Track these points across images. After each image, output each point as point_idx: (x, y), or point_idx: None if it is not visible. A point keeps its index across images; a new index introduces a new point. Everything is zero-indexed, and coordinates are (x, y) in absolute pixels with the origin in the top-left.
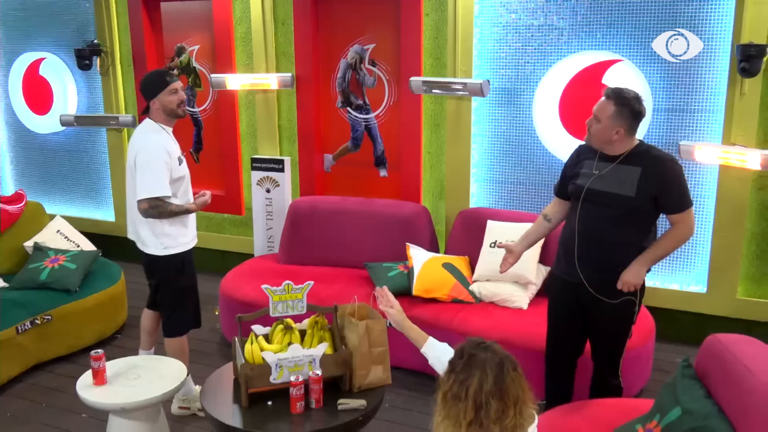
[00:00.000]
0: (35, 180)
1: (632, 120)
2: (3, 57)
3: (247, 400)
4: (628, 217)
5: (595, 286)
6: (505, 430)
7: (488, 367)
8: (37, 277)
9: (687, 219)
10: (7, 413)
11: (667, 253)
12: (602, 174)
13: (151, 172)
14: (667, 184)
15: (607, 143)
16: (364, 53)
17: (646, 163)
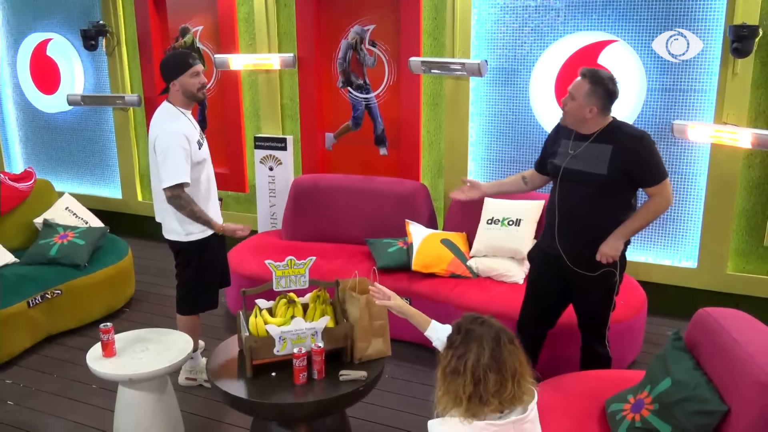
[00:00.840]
0: (44, 158)
1: (605, 99)
2: (11, 37)
3: (251, 371)
4: (603, 193)
5: (573, 259)
6: (504, 403)
7: (485, 341)
8: (47, 252)
9: (663, 191)
10: (20, 384)
11: (643, 225)
12: (576, 153)
13: (170, 160)
14: (639, 160)
15: (581, 121)
16: (364, 34)
17: (617, 141)
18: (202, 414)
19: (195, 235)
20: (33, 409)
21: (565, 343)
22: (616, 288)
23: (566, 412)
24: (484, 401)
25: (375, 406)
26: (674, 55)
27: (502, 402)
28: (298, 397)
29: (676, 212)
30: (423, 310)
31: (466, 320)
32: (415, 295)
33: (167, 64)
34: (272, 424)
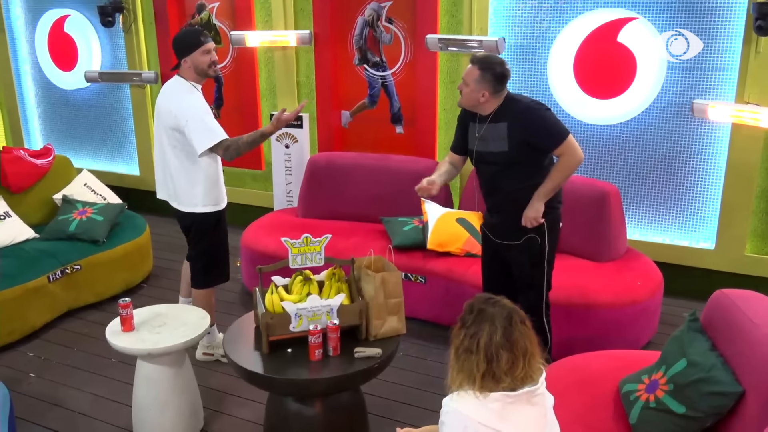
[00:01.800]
0: (62, 135)
1: (496, 82)
2: (29, 14)
3: (267, 347)
4: (511, 168)
5: (499, 233)
6: (516, 381)
7: (497, 321)
8: (66, 228)
9: (567, 149)
10: (41, 357)
11: (558, 183)
12: (481, 135)
13: (203, 124)
14: (532, 129)
15: (476, 105)
16: (381, 10)
17: (508, 116)
18: (219, 388)
19: (209, 208)
20: (54, 382)
21: (579, 324)
22: (546, 256)
23: (580, 392)
24: (497, 378)
25: (389, 383)
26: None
27: (514, 380)
28: (313, 373)
29: (694, 193)
30: (438, 289)
31: (478, 300)
32: (430, 273)
33: (179, 40)
34: (288, 399)
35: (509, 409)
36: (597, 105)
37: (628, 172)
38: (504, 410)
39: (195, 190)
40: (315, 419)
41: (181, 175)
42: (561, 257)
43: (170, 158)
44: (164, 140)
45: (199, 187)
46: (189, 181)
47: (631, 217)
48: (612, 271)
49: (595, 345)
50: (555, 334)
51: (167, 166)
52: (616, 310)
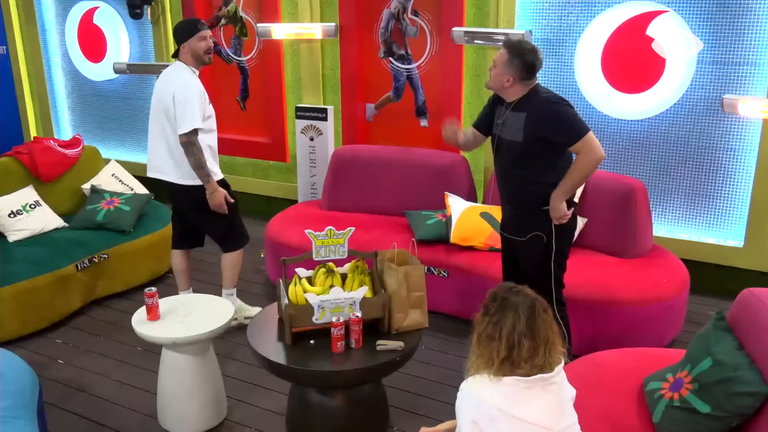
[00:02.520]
0: (91, 125)
1: (523, 70)
2: (60, 5)
3: (290, 339)
4: (523, 159)
5: (508, 227)
6: (534, 368)
7: (521, 309)
8: (94, 218)
9: (585, 147)
10: (69, 343)
11: (575, 182)
12: (502, 122)
13: (189, 108)
14: (549, 122)
15: (501, 89)
16: (407, 3)
17: (529, 108)
18: (243, 378)
19: (218, 176)
20: (81, 368)
21: (603, 320)
22: (553, 256)
23: (603, 389)
24: (516, 365)
25: (411, 376)
26: (725, 27)
27: (533, 367)
28: (335, 365)
29: (723, 190)
30: (461, 283)
31: (502, 289)
32: (453, 268)
33: (179, 28)
34: (310, 390)
35: (522, 395)
36: (625, 99)
37: (656, 167)
38: (517, 395)
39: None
40: (337, 411)
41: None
42: (585, 253)
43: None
44: (166, 121)
45: (209, 160)
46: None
47: (658, 214)
48: (637, 267)
49: (619, 342)
50: (578, 330)
51: (171, 146)
52: (640, 308)
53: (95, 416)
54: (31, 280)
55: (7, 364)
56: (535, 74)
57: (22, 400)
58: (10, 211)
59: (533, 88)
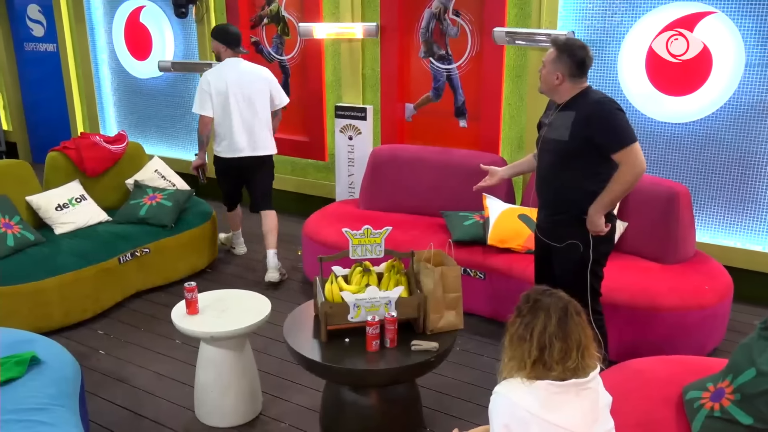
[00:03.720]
0: (135, 121)
1: (573, 66)
2: (108, 4)
3: (326, 336)
4: (566, 161)
5: (544, 230)
6: (567, 371)
7: (552, 311)
8: (137, 212)
9: (627, 158)
10: (110, 335)
11: (616, 195)
12: (551, 122)
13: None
14: (597, 125)
15: (551, 89)
16: (448, 3)
17: (579, 107)
18: (278, 374)
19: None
20: (121, 359)
21: (643, 327)
22: (590, 266)
23: (642, 396)
24: (548, 367)
25: (445, 377)
26: None
27: (565, 370)
28: (370, 364)
29: None
30: (497, 285)
31: (535, 291)
32: (490, 269)
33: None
34: (344, 388)
35: (555, 399)
36: (669, 102)
37: (700, 172)
38: (549, 399)
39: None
40: (370, 409)
41: (265, 126)
42: (626, 258)
43: (263, 115)
44: (259, 102)
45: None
46: (269, 127)
47: (701, 219)
48: (679, 273)
49: (659, 349)
50: (617, 336)
51: (268, 123)
52: (681, 314)
53: (134, 407)
54: (75, 272)
55: (51, 353)
56: (586, 72)
57: (66, 388)
58: (57, 204)
59: (585, 89)
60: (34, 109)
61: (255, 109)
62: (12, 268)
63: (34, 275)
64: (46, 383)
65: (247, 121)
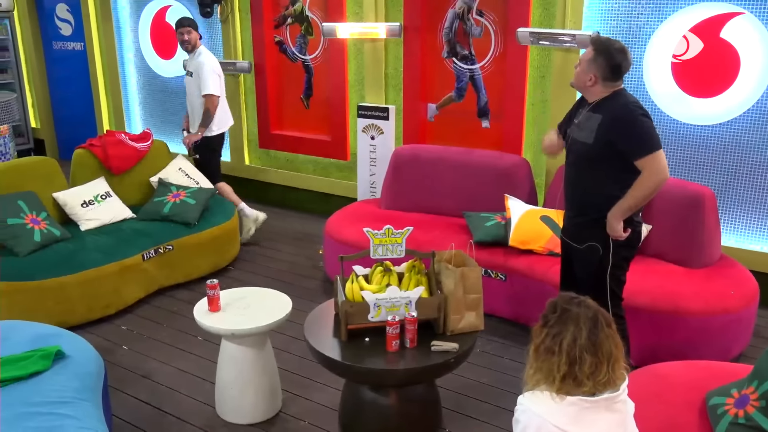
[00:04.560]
0: (160, 120)
1: (607, 69)
2: (134, 3)
3: (346, 335)
4: (591, 163)
5: (567, 231)
6: (597, 386)
7: (582, 322)
8: (161, 210)
9: (649, 165)
10: (133, 331)
11: (636, 202)
12: (579, 121)
13: None
14: (621, 129)
15: (583, 88)
16: (472, 3)
17: (606, 110)
18: (298, 372)
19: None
20: (144, 355)
21: (666, 331)
22: (609, 270)
23: (664, 401)
24: (579, 382)
25: (465, 378)
26: None
27: (596, 384)
28: (389, 364)
29: None
30: (518, 287)
31: (562, 299)
32: (511, 271)
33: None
34: (363, 387)
35: (585, 414)
36: (696, 104)
37: (726, 175)
38: (580, 415)
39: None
40: (389, 409)
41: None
42: (650, 261)
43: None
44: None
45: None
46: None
47: (727, 223)
48: (703, 277)
49: (682, 354)
50: (640, 339)
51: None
52: (706, 319)
53: (156, 402)
54: (99, 268)
55: (75, 347)
56: (621, 77)
57: (89, 382)
58: (83, 201)
59: (617, 91)
60: (62, 106)
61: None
62: (38, 263)
63: (60, 270)
64: (70, 377)
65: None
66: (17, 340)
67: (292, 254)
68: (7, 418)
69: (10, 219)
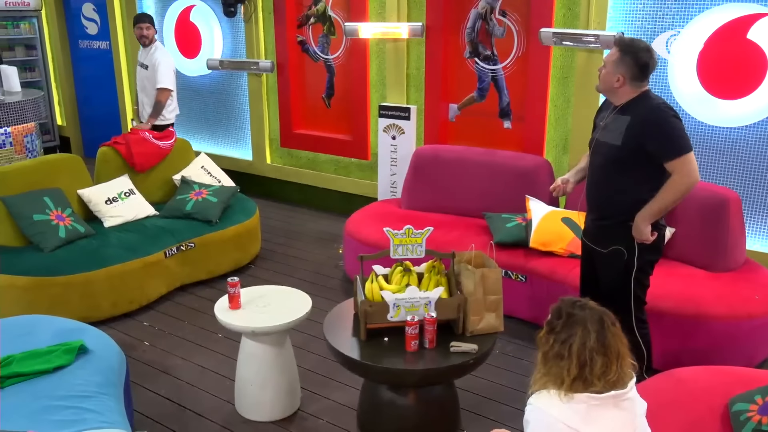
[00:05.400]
0: (183, 118)
1: (635, 69)
2: (159, 3)
3: (365, 335)
4: (618, 166)
5: (590, 234)
6: (608, 384)
7: (589, 324)
8: (183, 207)
9: (680, 168)
10: (155, 327)
11: (666, 204)
12: (605, 124)
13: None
14: (651, 131)
15: (610, 90)
16: (495, 3)
17: (635, 112)
18: (317, 371)
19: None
20: (165, 351)
21: (689, 335)
22: (634, 274)
23: (685, 407)
24: (588, 383)
25: (484, 380)
26: None
27: (606, 383)
28: (408, 364)
29: None
30: (539, 289)
31: (565, 304)
32: (531, 272)
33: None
34: (382, 387)
35: (594, 412)
36: (721, 106)
37: (752, 178)
38: (589, 412)
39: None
40: (407, 409)
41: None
42: (673, 264)
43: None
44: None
45: None
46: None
47: (752, 227)
48: (728, 282)
49: (705, 359)
50: (662, 344)
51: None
52: (729, 324)
53: (176, 398)
54: (122, 265)
55: (99, 343)
56: (648, 76)
57: (111, 377)
58: (107, 198)
59: (644, 92)
60: (87, 104)
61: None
62: (63, 259)
63: (84, 266)
64: (93, 372)
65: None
66: (42, 335)
67: (312, 253)
68: (33, 410)
69: (36, 215)
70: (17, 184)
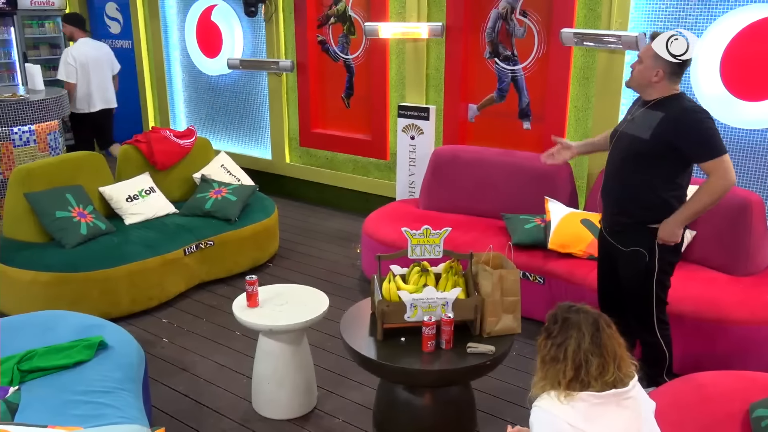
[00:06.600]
0: (204, 117)
1: (675, 64)
2: (181, 2)
3: (382, 334)
4: (640, 161)
5: (609, 229)
6: (606, 385)
7: (584, 327)
8: (203, 205)
9: (716, 169)
10: (174, 324)
11: (702, 207)
12: (634, 117)
13: None
14: (684, 131)
15: (646, 85)
16: (515, 3)
17: (669, 110)
18: (333, 370)
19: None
20: (183, 348)
21: (709, 339)
22: (653, 274)
23: (704, 411)
24: (585, 384)
25: (500, 381)
26: None
27: (604, 384)
28: (424, 364)
29: None
30: (557, 291)
31: (561, 309)
32: (550, 274)
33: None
34: (398, 387)
35: (596, 410)
36: (745, 107)
37: None
38: (590, 411)
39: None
40: (423, 410)
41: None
42: (694, 268)
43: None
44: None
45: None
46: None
47: None
48: (750, 286)
49: (725, 363)
50: (682, 348)
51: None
52: (751, 328)
53: (194, 394)
54: (142, 262)
55: (118, 339)
56: (683, 73)
57: (130, 373)
58: (128, 196)
59: (679, 93)
60: None
61: (105, 73)
62: (84, 255)
63: (105, 263)
64: (112, 367)
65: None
66: (63, 330)
67: (330, 252)
68: (54, 405)
69: (58, 212)
70: (40, 181)
